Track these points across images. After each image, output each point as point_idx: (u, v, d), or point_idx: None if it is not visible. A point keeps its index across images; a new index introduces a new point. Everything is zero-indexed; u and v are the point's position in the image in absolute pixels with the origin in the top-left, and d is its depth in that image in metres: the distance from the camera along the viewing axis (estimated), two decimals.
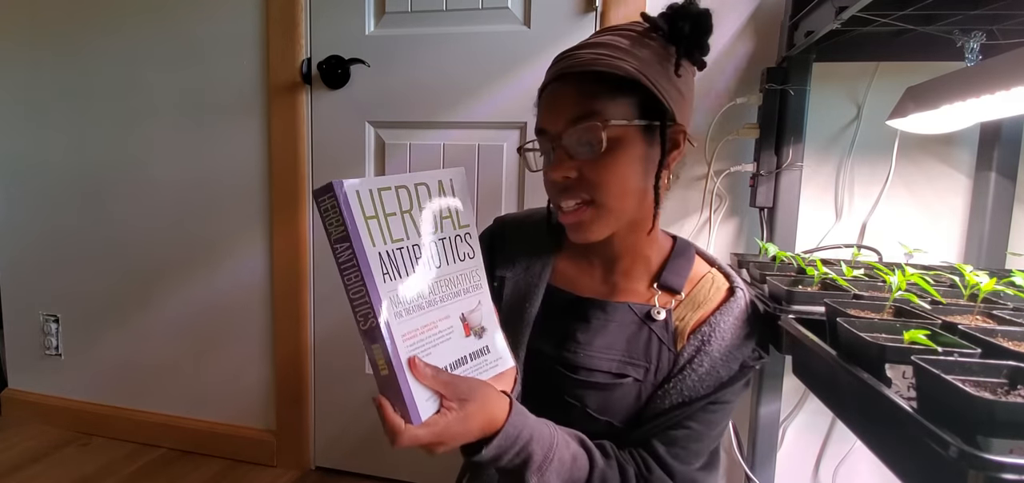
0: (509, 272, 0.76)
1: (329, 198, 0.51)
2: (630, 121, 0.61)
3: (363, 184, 0.52)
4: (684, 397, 0.65)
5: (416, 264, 0.56)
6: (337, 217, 0.51)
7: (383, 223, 0.53)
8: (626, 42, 0.62)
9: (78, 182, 1.63)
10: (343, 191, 0.51)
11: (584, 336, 0.68)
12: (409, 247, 0.56)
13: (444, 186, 0.60)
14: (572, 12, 1.25)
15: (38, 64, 1.62)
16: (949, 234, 1.14)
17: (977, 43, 0.86)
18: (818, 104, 1.12)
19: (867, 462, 1.20)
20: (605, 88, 0.60)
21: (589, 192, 0.63)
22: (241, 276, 1.53)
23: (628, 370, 0.66)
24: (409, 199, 0.56)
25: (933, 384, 0.41)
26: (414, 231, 0.56)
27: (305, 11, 1.39)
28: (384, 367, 0.52)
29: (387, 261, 0.53)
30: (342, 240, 0.51)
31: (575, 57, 0.62)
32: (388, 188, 0.54)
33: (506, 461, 0.57)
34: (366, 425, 1.49)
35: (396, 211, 0.55)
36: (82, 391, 1.72)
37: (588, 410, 0.67)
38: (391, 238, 0.54)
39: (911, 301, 0.62)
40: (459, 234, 0.61)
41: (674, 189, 1.21)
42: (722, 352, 0.65)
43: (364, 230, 0.52)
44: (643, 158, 0.63)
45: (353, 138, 1.41)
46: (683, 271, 0.71)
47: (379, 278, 0.52)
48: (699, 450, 0.67)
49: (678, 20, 0.62)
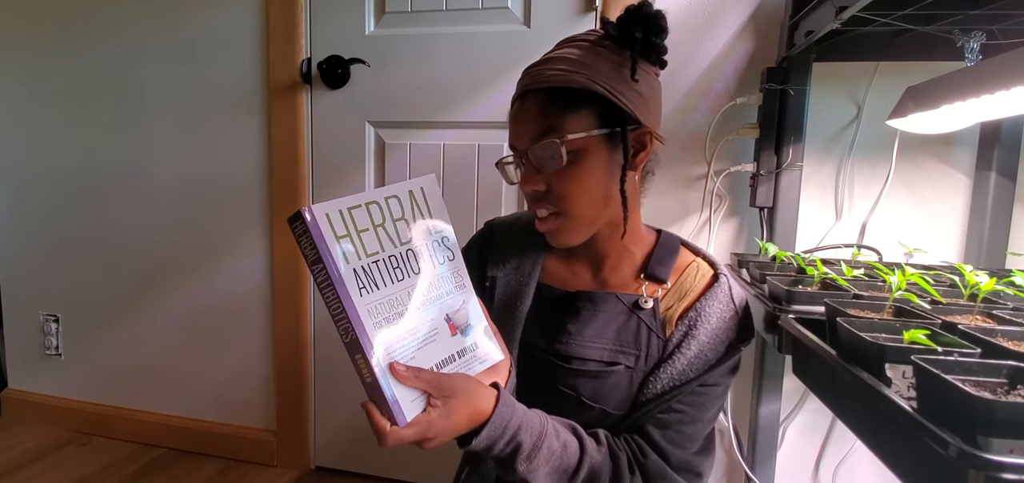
0: (500, 272, 0.78)
1: (299, 224, 0.52)
2: (589, 131, 0.63)
3: (332, 206, 0.54)
4: (675, 381, 0.67)
5: (394, 274, 0.58)
6: (309, 241, 0.53)
7: (356, 240, 0.55)
8: (580, 53, 0.64)
9: (78, 182, 1.63)
10: (312, 216, 0.52)
11: (575, 327, 0.70)
12: (385, 259, 0.57)
13: (415, 195, 0.62)
14: (572, 12, 1.25)
15: (38, 64, 1.62)
16: (949, 234, 1.14)
17: (977, 43, 0.86)
18: (818, 104, 1.12)
19: (867, 462, 1.20)
20: (562, 103, 0.63)
21: (555, 204, 0.66)
22: (241, 276, 1.53)
23: (619, 358, 0.68)
24: (381, 213, 0.58)
25: (933, 384, 0.41)
26: (389, 243, 0.58)
27: (305, 11, 1.39)
28: (368, 374, 0.54)
29: (363, 276, 0.55)
30: (316, 262, 0.53)
31: (536, 74, 0.65)
32: (358, 206, 0.56)
33: (497, 450, 0.60)
34: (366, 425, 1.48)
35: (369, 226, 0.57)
36: (82, 391, 1.72)
37: (582, 399, 0.68)
38: (366, 253, 0.56)
39: (911, 301, 0.62)
40: (436, 239, 0.63)
41: (674, 189, 1.23)
42: (709, 335, 0.67)
43: (336, 251, 0.53)
44: (607, 164, 0.65)
45: (353, 138, 1.41)
46: (668, 262, 0.73)
47: (355, 294, 0.54)
48: (693, 434, 0.68)
49: (629, 25, 0.64)
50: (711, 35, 1.18)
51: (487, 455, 0.60)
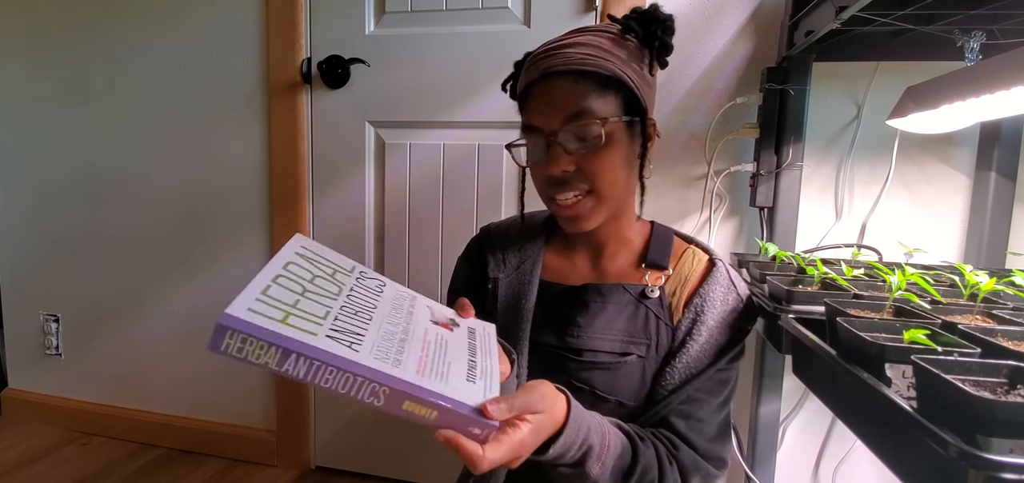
0: (501, 273, 0.79)
1: (232, 337, 0.42)
2: (619, 116, 0.66)
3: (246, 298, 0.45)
4: (691, 370, 0.68)
5: (359, 318, 0.51)
6: (258, 344, 0.42)
7: (298, 313, 0.47)
8: (608, 43, 0.67)
9: (78, 182, 1.63)
10: (240, 320, 0.42)
11: (584, 320, 0.71)
12: (339, 311, 0.50)
13: (303, 255, 0.56)
14: (572, 12, 1.25)
15: (38, 64, 1.62)
16: (949, 234, 1.14)
17: (977, 43, 0.86)
18: (818, 104, 1.12)
19: (867, 462, 1.20)
20: (595, 86, 0.65)
21: (588, 183, 0.67)
22: (241, 276, 1.51)
23: (631, 348, 0.69)
24: (296, 281, 0.51)
25: (933, 384, 0.40)
26: (328, 299, 0.51)
27: (305, 11, 1.39)
28: (430, 411, 0.47)
29: (339, 336, 0.47)
30: (284, 357, 0.43)
31: (563, 55, 0.65)
32: (269, 286, 0.48)
33: (569, 456, 0.57)
34: (366, 424, 1.50)
35: (296, 297, 0.49)
36: (82, 391, 1.72)
37: (597, 391, 0.69)
38: (317, 317, 0.48)
39: (911, 301, 0.62)
40: (356, 276, 0.58)
41: (674, 189, 1.23)
42: (717, 320, 0.69)
43: (294, 329, 0.44)
44: (627, 150, 0.68)
45: (353, 138, 1.41)
46: (666, 249, 0.75)
47: (347, 353, 0.45)
48: (715, 421, 0.69)
49: (651, 24, 0.68)
50: (711, 35, 1.18)
51: (556, 463, 0.57)
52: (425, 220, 1.39)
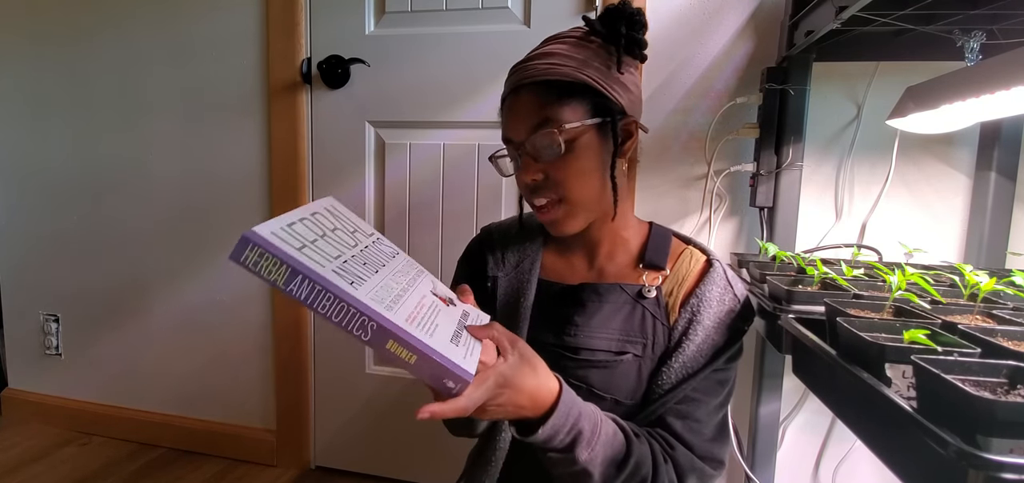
0: (501, 272, 0.80)
1: (252, 250, 0.47)
2: (582, 121, 0.66)
3: (272, 225, 0.49)
4: (687, 370, 0.68)
5: (367, 268, 0.54)
6: (273, 261, 0.47)
7: (315, 249, 0.51)
8: (568, 48, 0.67)
9: (78, 182, 1.63)
10: (263, 238, 0.47)
11: (581, 319, 0.72)
12: (350, 258, 0.54)
13: (331, 211, 0.60)
14: (572, 12, 1.25)
15: (39, 63, 1.62)
16: (949, 234, 1.14)
17: (977, 43, 0.86)
18: (818, 104, 1.12)
19: (867, 462, 1.20)
20: (556, 95, 0.65)
21: (556, 191, 0.68)
22: (241, 276, 1.52)
23: (627, 347, 0.70)
24: (318, 226, 0.55)
25: (933, 384, 0.41)
26: (343, 247, 0.55)
27: (305, 10, 1.39)
28: (410, 355, 0.49)
29: (344, 273, 0.50)
30: (292, 277, 0.47)
31: (528, 69, 0.67)
32: (294, 222, 0.52)
33: (558, 440, 0.58)
34: (366, 424, 1.50)
35: (316, 237, 0.53)
36: (82, 391, 1.72)
37: (593, 389, 0.69)
38: (329, 256, 0.51)
39: (911, 301, 0.62)
40: (373, 239, 0.62)
41: (674, 189, 1.23)
42: (714, 319, 0.69)
43: (306, 257, 0.48)
44: (599, 153, 0.68)
45: (353, 138, 1.41)
46: (664, 249, 0.75)
47: (347, 287, 0.48)
48: (711, 422, 0.69)
49: (614, 21, 0.67)
50: (711, 35, 1.19)
51: (545, 446, 0.58)
52: (425, 220, 1.39)
